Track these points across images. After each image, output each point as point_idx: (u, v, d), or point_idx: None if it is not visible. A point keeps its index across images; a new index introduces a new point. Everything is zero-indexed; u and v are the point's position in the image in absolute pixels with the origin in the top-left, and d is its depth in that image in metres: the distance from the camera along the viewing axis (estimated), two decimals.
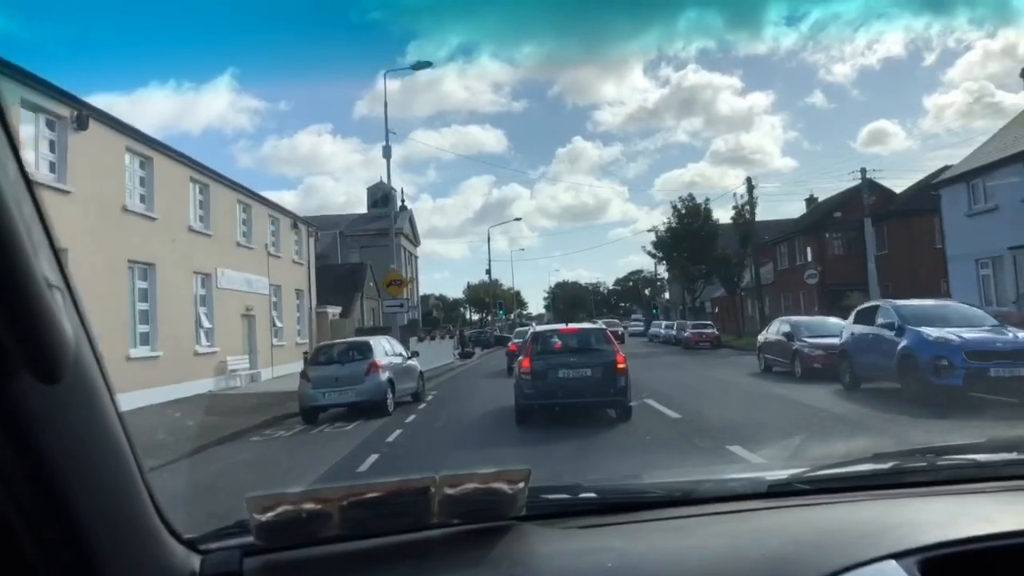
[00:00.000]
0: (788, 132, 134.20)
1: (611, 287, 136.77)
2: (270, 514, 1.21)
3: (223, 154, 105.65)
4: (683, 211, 46.70)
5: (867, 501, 1.52)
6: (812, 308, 37.91)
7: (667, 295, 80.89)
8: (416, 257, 73.00)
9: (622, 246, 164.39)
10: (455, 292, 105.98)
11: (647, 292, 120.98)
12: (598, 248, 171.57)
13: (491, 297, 68.77)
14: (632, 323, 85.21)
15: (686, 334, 40.48)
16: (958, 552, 1.22)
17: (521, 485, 1.32)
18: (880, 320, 14.03)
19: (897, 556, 1.18)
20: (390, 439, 11.74)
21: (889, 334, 13.36)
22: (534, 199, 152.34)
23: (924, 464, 1.76)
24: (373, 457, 10.06)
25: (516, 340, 26.45)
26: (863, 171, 32.58)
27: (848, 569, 1.16)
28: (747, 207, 42.30)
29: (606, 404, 11.88)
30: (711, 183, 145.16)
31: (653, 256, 57.76)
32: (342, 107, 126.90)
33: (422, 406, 16.77)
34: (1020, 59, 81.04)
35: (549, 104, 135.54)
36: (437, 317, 61.42)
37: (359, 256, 63.50)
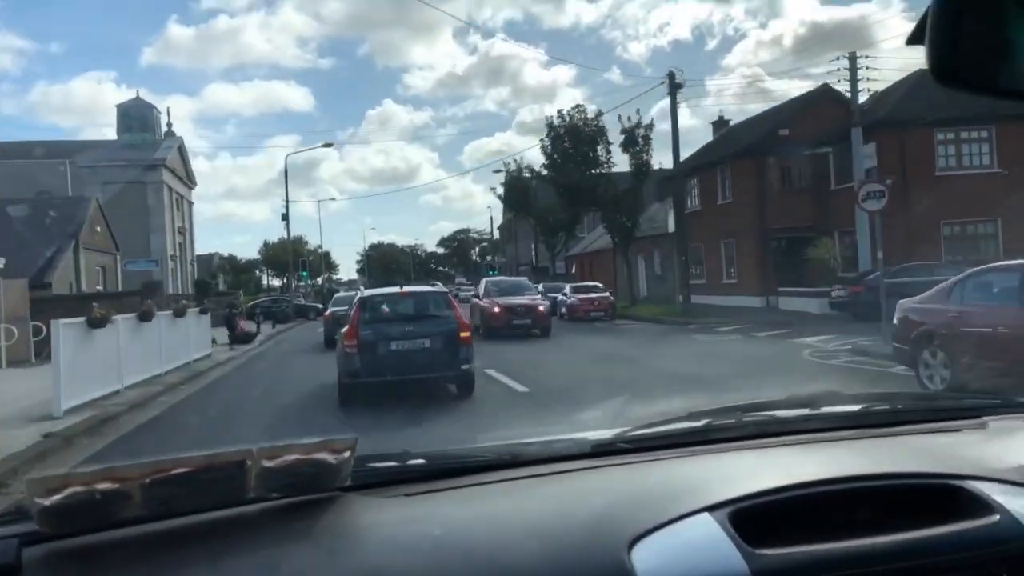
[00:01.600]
0: (589, 105, 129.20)
1: (429, 251, 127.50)
2: (56, 497, 1.09)
3: None
4: (563, 131, 32.91)
5: (683, 458, 1.57)
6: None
7: (500, 257, 69.31)
8: (191, 203, 55.91)
9: (433, 212, 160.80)
10: (253, 255, 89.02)
11: (475, 252, 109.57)
12: (409, 212, 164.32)
13: (293, 256, 53.95)
14: (462, 287, 72.93)
15: (569, 300, 28.60)
16: (765, 502, 1.27)
17: (347, 455, 1.28)
18: None
19: (710, 509, 1.23)
20: None
21: None
22: (343, 161, 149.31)
23: (732, 421, 1.80)
24: None
25: (335, 308, 22.74)
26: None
27: (666, 524, 1.20)
28: (640, 128, 31.00)
29: (447, 378, 10.66)
30: (518, 151, 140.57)
31: (506, 199, 45.39)
32: (126, 53, 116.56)
33: None
34: (786, 48, 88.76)
35: (358, 63, 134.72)
36: (209, 282, 45.19)
37: (100, 197, 45.81)
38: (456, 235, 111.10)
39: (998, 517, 1.24)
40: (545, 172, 33.38)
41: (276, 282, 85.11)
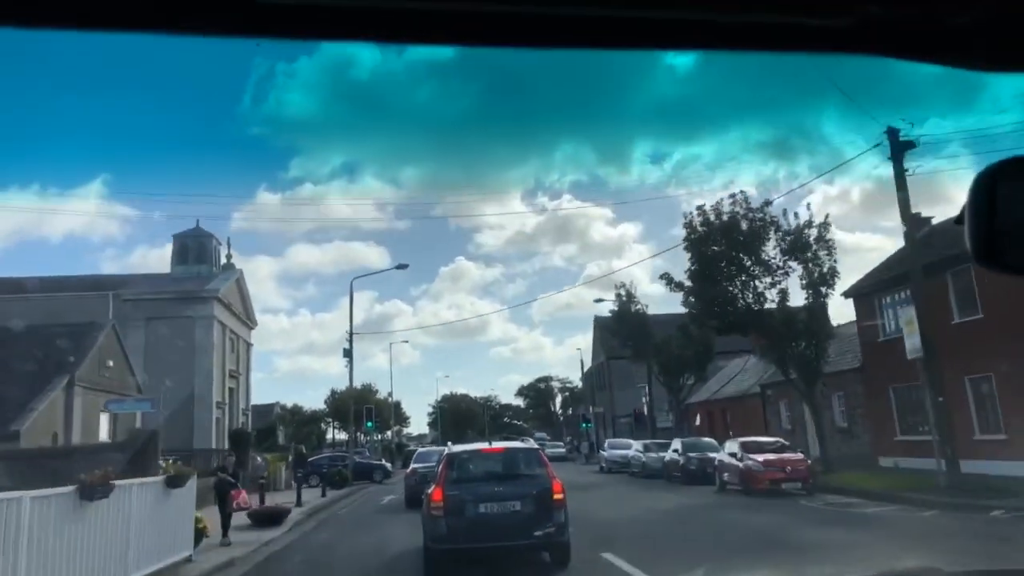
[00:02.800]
0: (655, 260, 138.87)
1: (503, 402, 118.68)
2: None
3: (86, 261, 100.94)
4: (715, 227, 23.79)
5: None
6: None
7: (595, 407, 60.34)
8: (248, 344, 49.62)
9: (503, 365, 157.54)
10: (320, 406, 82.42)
11: (557, 403, 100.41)
12: (480, 366, 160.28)
13: (356, 400, 46.47)
14: (545, 444, 63.76)
15: (745, 463, 19.62)
16: None
17: None
18: None
19: None
20: None
21: None
22: (416, 316, 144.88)
23: None
24: None
25: (417, 465, 22.10)
26: None
27: None
28: (813, 228, 22.94)
29: (540, 545, 9.77)
30: (585, 305, 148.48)
31: (618, 330, 37.29)
32: (219, 220, 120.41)
33: None
34: (852, 202, 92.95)
35: (431, 224, 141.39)
36: (248, 433, 37.14)
37: (143, 334, 39.74)
38: (536, 383, 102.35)
39: None
40: (682, 284, 24.95)
41: (342, 435, 77.46)
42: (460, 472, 10.17)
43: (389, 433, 78.21)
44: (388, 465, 38.74)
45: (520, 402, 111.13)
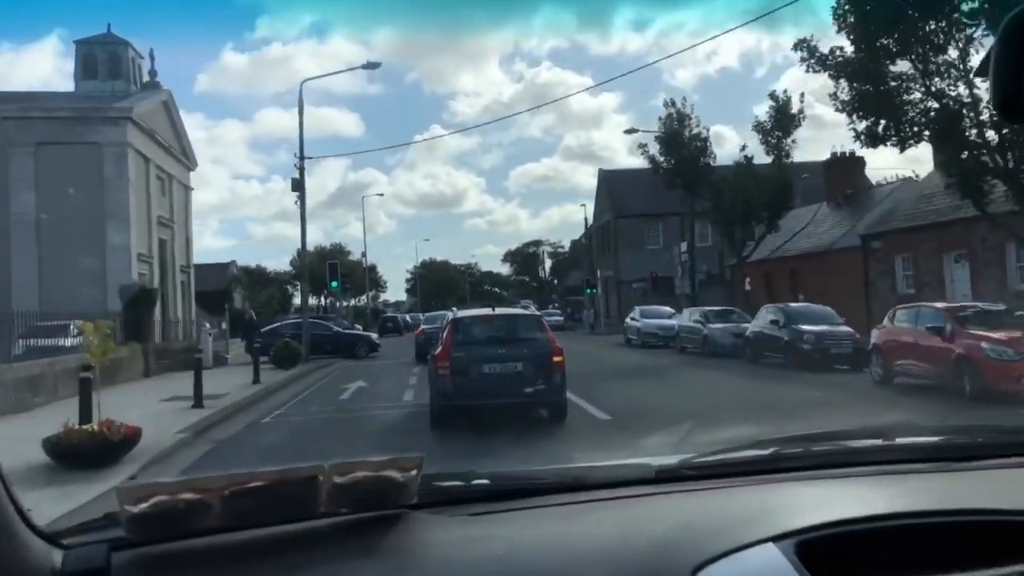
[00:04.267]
0: (636, 134, 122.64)
1: (484, 270, 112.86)
2: (143, 505, 1.14)
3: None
4: None
5: (749, 486, 1.54)
6: None
7: (601, 271, 52.34)
8: (187, 188, 40.37)
9: (479, 236, 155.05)
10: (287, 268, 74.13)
11: (545, 268, 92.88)
12: (457, 237, 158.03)
13: (324, 261, 37.79)
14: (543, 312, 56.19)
15: (986, 344, 11.36)
16: (832, 534, 1.24)
17: (413, 473, 1.30)
18: None
19: (775, 539, 1.20)
20: None
21: None
22: (391, 185, 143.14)
23: (800, 450, 1.77)
24: None
25: (426, 326, 23.57)
26: None
27: (729, 552, 1.18)
28: None
29: (540, 403, 10.46)
30: (563, 177, 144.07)
31: (657, 161, 28.49)
32: (183, 82, 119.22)
33: None
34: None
35: (406, 90, 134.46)
36: (146, 290, 27.86)
37: (32, 163, 30.32)
38: (524, 247, 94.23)
39: None
40: (828, 60, 15.74)
41: (313, 301, 69.59)
42: (465, 335, 10.57)
43: (364, 298, 70.27)
44: (374, 336, 30.50)
45: (506, 269, 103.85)
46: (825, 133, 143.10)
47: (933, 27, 14.38)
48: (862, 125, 15.18)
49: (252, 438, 10.55)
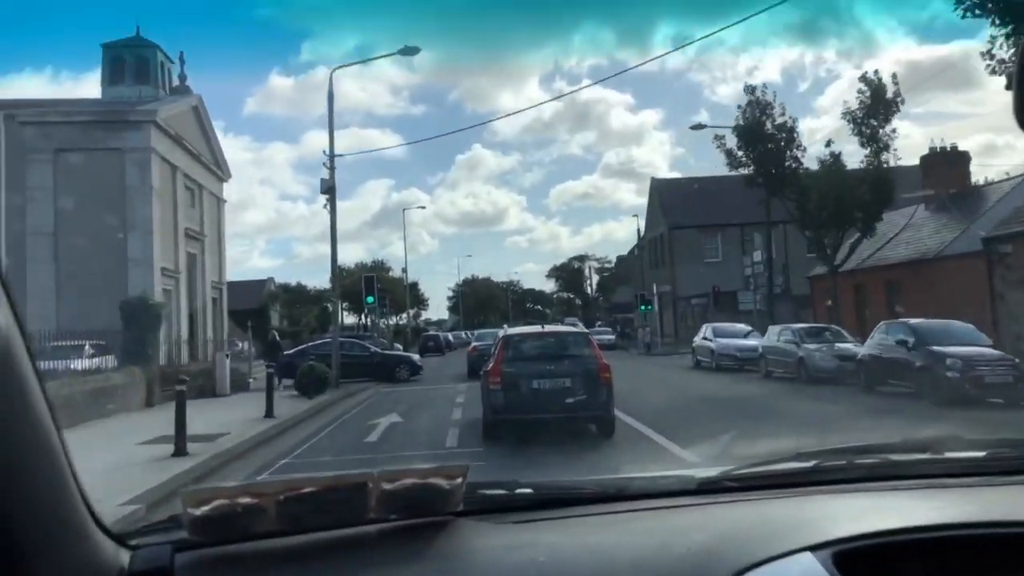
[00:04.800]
0: (676, 148, 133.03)
1: (525, 287, 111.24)
2: (205, 508, 1.18)
3: None
4: None
5: (789, 498, 1.55)
6: None
7: (657, 286, 48.82)
8: (220, 200, 38.32)
9: (520, 254, 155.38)
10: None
11: (591, 284, 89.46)
12: (498, 255, 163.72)
13: (334, 266, 34.69)
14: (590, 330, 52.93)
15: None
16: (869, 545, 1.24)
17: (459, 481, 1.33)
18: None
19: (812, 548, 1.21)
20: None
21: None
22: (433, 204, 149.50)
23: (843, 463, 1.76)
24: None
25: (478, 343, 25.57)
26: None
27: (766, 561, 1.19)
28: None
29: (587, 418, 10.66)
30: (603, 195, 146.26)
31: (735, 156, 25.33)
32: (232, 105, 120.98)
33: None
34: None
35: (448, 110, 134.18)
36: (147, 303, 25.23)
37: (51, 172, 28.38)
38: (570, 262, 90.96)
39: None
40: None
41: (349, 319, 67.20)
42: (515, 352, 10.90)
43: (405, 316, 67.75)
44: (416, 358, 27.52)
45: (550, 285, 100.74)
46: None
47: None
48: None
49: None
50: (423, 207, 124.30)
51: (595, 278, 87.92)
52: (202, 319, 33.96)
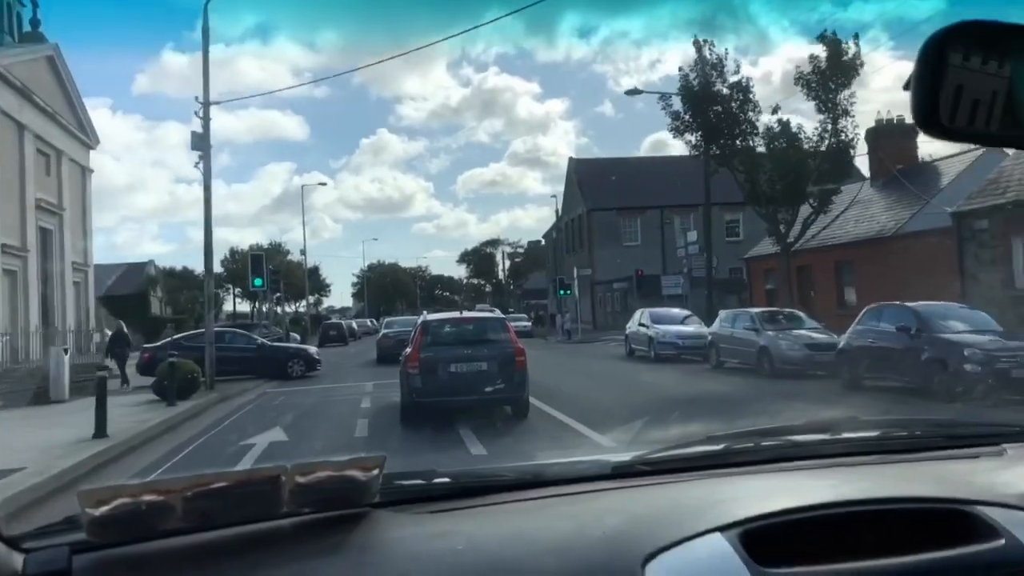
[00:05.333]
0: (580, 138, 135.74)
1: (434, 274, 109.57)
2: (104, 508, 1.13)
3: None
4: None
5: (699, 480, 1.58)
6: None
7: (579, 268, 46.27)
8: (86, 171, 33.26)
9: (426, 240, 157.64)
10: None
11: (503, 269, 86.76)
12: (404, 241, 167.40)
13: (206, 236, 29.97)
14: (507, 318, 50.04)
15: None
16: (775, 523, 1.28)
17: (375, 472, 1.31)
18: None
19: (722, 529, 1.24)
20: None
21: None
22: (337, 189, 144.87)
23: (750, 445, 1.82)
24: None
25: (387, 331, 25.91)
26: None
27: (679, 543, 1.21)
28: None
29: (503, 400, 10.92)
30: (510, 183, 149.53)
31: (681, 119, 22.57)
32: (121, 82, 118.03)
33: None
34: (775, 85, 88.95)
35: (352, 93, 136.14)
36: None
37: None
38: (482, 247, 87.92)
39: (1003, 542, 1.24)
40: None
41: (245, 307, 62.22)
42: (434, 336, 11.14)
43: (305, 304, 63.16)
44: (313, 350, 23.60)
45: (461, 271, 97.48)
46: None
47: None
48: None
49: None
50: (324, 183, 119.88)
51: (506, 263, 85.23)
52: (59, 306, 29.07)
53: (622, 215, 49.08)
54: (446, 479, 1.60)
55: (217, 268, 64.33)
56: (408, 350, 11.13)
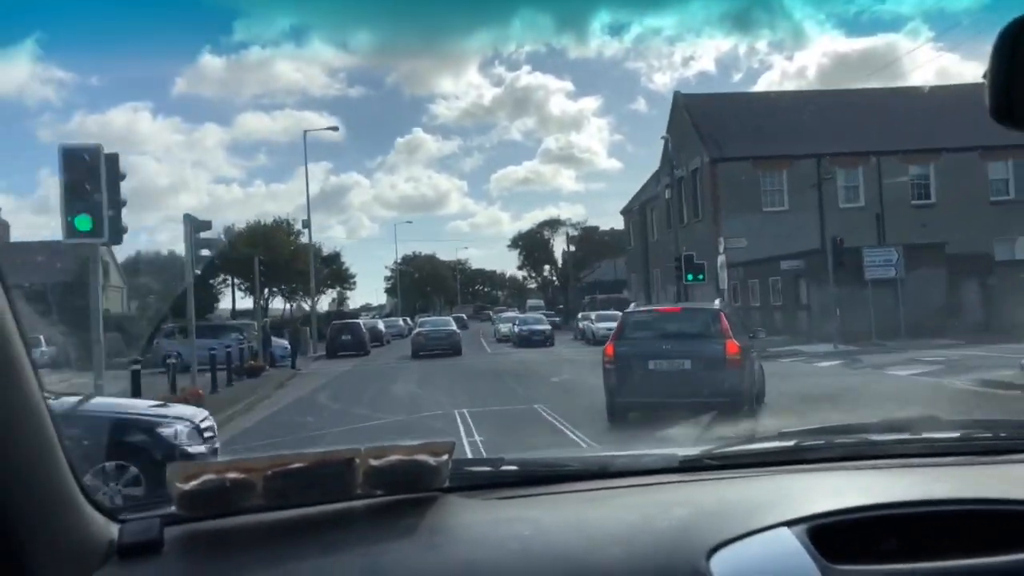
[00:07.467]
0: (614, 135, 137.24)
1: (474, 268, 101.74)
2: (193, 483, 1.20)
3: (18, 128, 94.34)
4: None
5: (768, 476, 1.57)
6: None
7: (726, 240, 31.65)
8: None
9: (461, 239, 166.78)
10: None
11: (557, 256, 72.05)
12: (437, 240, 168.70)
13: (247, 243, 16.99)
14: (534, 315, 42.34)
15: None
16: (845, 520, 1.26)
17: (445, 457, 1.34)
18: None
19: (789, 524, 1.23)
20: None
21: None
22: (374, 188, 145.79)
23: (822, 442, 1.80)
24: None
25: (419, 329, 29.66)
26: None
27: (745, 536, 1.21)
28: None
29: (714, 406, 9.09)
30: (543, 180, 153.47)
31: None
32: (161, 85, 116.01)
33: None
34: (809, 80, 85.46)
35: (387, 93, 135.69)
36: None
37: None
38: (538, 230, 73.11)
39: None
40: None
41: (246, 304, 48.26)
42: (633, 330, 10.76)
43: (317, 298, 49.39)
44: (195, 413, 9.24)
45: (513, 259, 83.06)
46: None
47: None
48: None
49: None
50: (334, 128, 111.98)
51: (562, 249, 70.40)
52: None
53: (760, 167, 34.37)
54: (513, 467, 1.63)
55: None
56: (606, 343, 11.01)
